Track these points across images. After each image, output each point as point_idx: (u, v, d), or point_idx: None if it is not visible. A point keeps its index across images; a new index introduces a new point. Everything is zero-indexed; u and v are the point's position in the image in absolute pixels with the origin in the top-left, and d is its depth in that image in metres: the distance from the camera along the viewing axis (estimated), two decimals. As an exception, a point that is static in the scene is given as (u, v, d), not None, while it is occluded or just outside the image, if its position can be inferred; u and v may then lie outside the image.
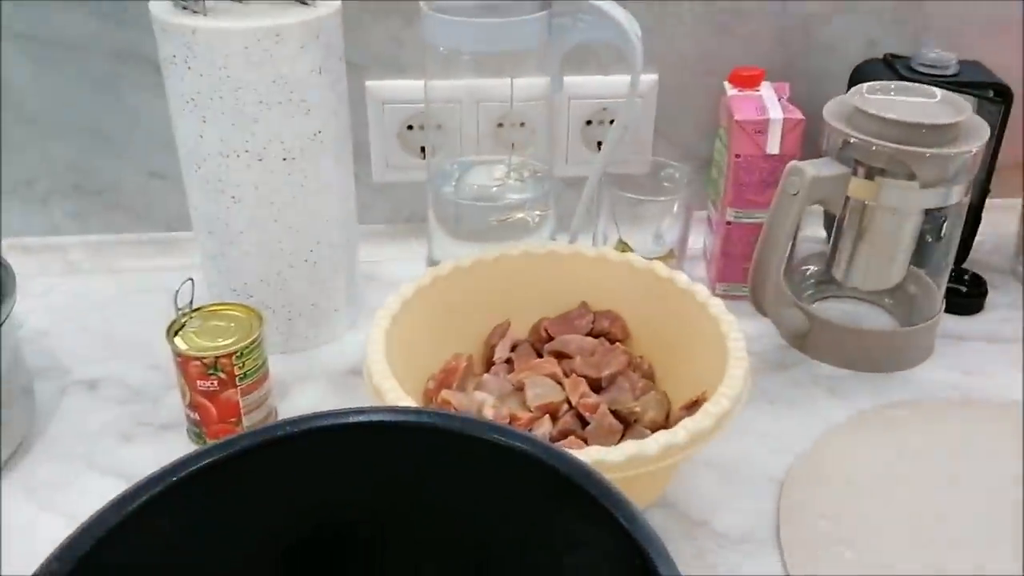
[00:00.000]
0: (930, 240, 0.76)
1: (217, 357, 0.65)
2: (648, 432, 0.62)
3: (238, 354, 0.65)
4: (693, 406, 0.62)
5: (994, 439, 0.67)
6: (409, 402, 0.58)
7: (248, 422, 0.68)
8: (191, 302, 0.68)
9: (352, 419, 0.47)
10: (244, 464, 0.46)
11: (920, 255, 0.76)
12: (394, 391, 0.58)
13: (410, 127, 0.90)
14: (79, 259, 0.91)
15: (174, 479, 0.44)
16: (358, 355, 0.79)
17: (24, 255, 0.89)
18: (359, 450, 0.48)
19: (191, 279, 0.68)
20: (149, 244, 0.92)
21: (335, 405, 0.47)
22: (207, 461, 0.44)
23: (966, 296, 0.83)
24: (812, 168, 0.69)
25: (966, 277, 0.85)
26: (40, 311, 0.83)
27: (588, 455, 0.52)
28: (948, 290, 0.79)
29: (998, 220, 0.92)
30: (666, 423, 0.64)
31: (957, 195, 0.71)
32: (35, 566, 0.61)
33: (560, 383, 0.65)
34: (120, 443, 0.70)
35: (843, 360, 0.75)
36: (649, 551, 0.41)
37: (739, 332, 0.61)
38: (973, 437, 0.68)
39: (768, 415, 0.71)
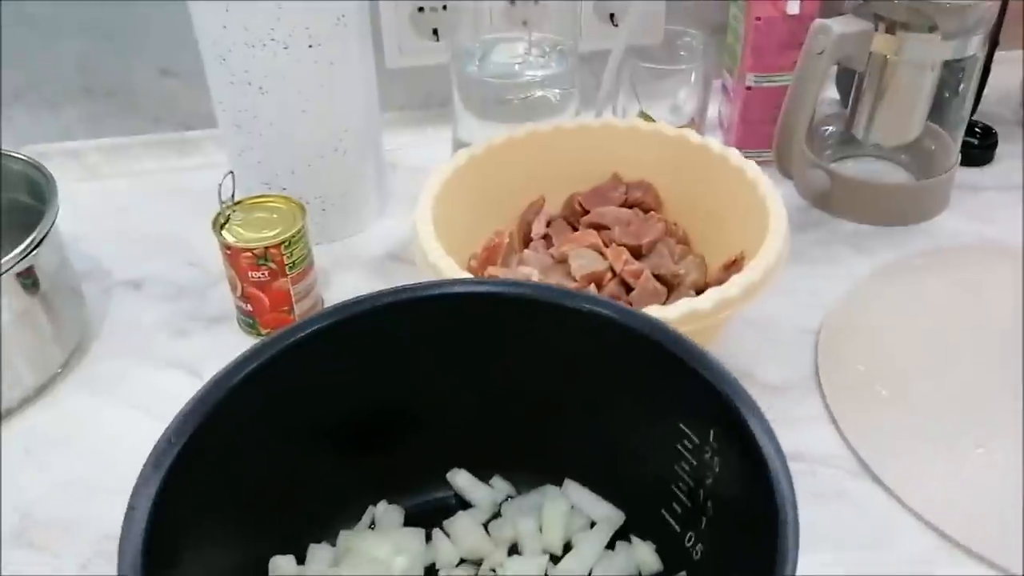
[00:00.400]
0: (947, 95, 0.78)
1: (266, 248, 0.66)
2: (692, 293, 0.65)
3: (286, 244, 0.67)
4: (731, 267, 0.65)
5: (1011, 281, 0.71)
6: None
7: (299, 310, 0.70)
8: (232, 195, 0.69)
9: (464, 288, 0.50)
10: (350, 329, 0.48)
11: (937, 109, 0.78)
12: (452, 268, 0.60)
13: (420, 9, 0.88)
14: (96, 163, 0.90)
15: (289, 342, 0.47)
16: (391, 241, 0.81)
17: (40, 161, 0.89)
18: (457, 321, 0.51)
19: (231, 172, 0.68)
20: (166, 145, 0.91)
21: (379, 288, 0.49)
22: (324, 324, 0.47)
23: (978, 148, 0.86)
24: (838, 26, 0.69)
25: (977, 129, 0.87)
26: (68, 217, 0.82)
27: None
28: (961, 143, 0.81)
29: (1001, 72, 0.93)
30: (706, 285, 0.67)
31: (975, 46, 0.72)
32: (113, 456, 0.64)
33: (602, 253, 0.67)
34: (174, 337, 0.72)
35: (865, 216, 0.78)
36: (730, 395, 0.44)
37: (776, 192, 0.63)
38: (991, 280, 0.71)
39: (797, 273, 0.73)
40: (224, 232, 0.67)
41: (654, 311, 0.55)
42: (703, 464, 0.47)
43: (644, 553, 0.52)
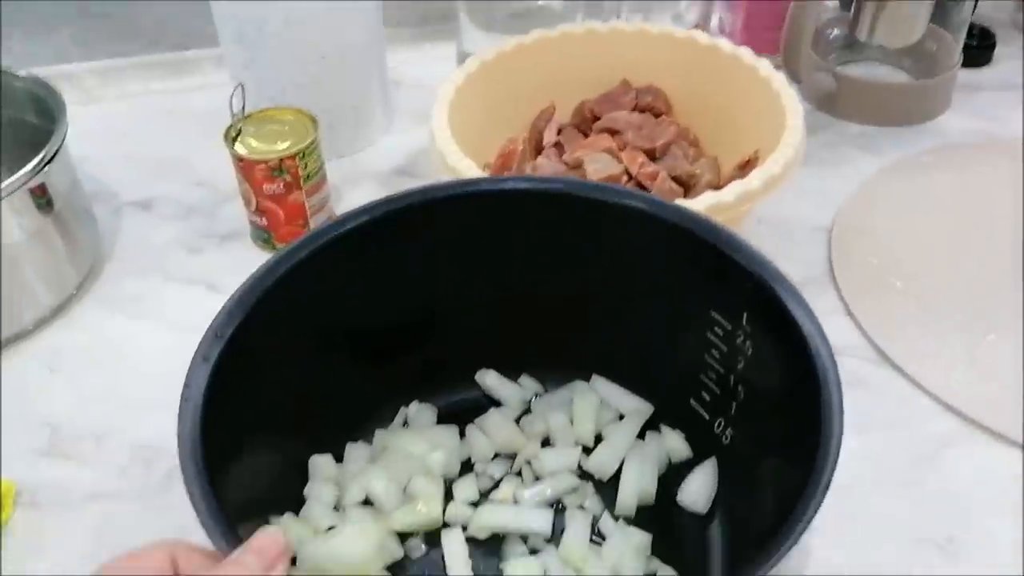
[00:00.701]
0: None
1: (281, 159, 0.66)
2: (708, 191, 0.65)
3: (300, 155, 0.66)
4: (746, 166, 0.65)
5: (1013, 177, 0.72)
6: (487, 180, 0.60)
7: (314, 224, 0.70)
8: (243, 108, 0.68)
9: (509, 185, 0.51)
10: (390, 225, 0.49)
11: (939, 11, 0.78)
12: (472, 170, 0.60)
13: (417, -82, 0.87)
14: (93, 86, 0.88)
15: (328, 238, 0.47)
16: (399, 156, 0.81)
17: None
18: (488, 220, 0.51)
19: (241, 85, 0.68)
20: (163, 66, 0.89)
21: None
22: (364, 219, 0.48)
23: (976, 49, 0.86)
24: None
25: (975, 31, 0.87)
26: (70, 139, 0.82)
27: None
28: (961, 44, 0.82)
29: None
30: (720, 185, 0.67)
31: (982, -58, 0.72)
32: (140, 370, 0.64)
33: (617, 156, 0.68)
34: (189, 255, 0.72)
35: (870, 117, 0.79)
36: (765, 276, 0.45)
37: (790, 87, 0.64)
38: (995, 176, 0.72)
39: (807, 175, 0.73)
40: (237, 145, 0.67)
41: (680, 203, 0.55)
42: (734, 349, 0.48)
43: (674, 441, 0.54)
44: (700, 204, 0.55)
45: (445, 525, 0.51)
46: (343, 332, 0.52)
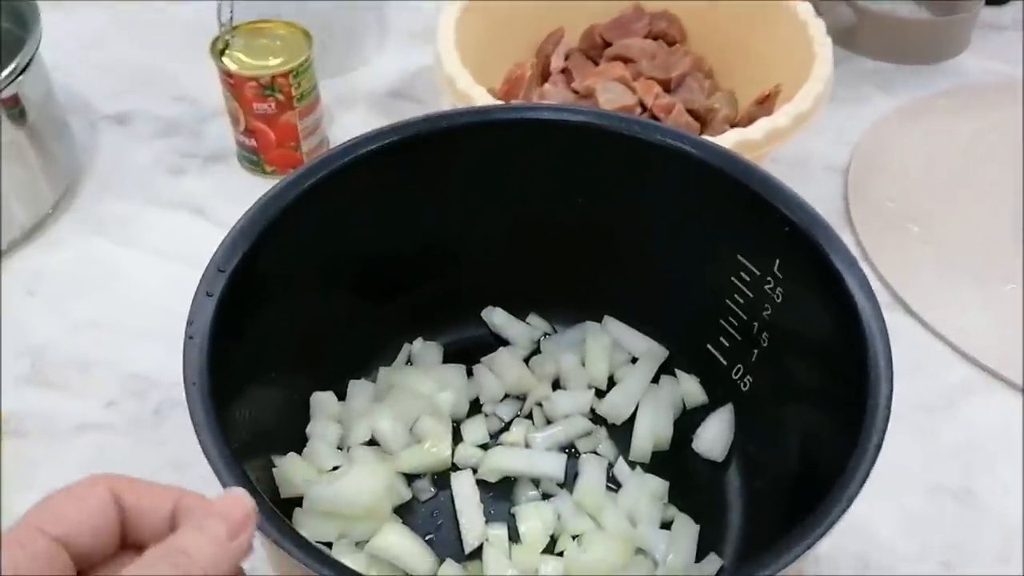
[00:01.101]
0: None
1: (273, 76, 0.62)
2: (727, 127, 0.62)
3: (294, 73, 0.62)
4: (765, 101, 0.63)
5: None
6: (499, 107, 0.56)
7: (306, 147, 0.67)
8: (231, 18, 0.63)
9: (527, 115, 0.48)
10: (395, 155, 0.46)
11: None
12: (484, 96, 0.56)
13: None
14: (63, -10, 0.82)
15: (346, 160, 0.44)
16: (393, 78, 0.77)
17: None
18: (503, 150, 0.48)
19: (231, -7, 0.63)
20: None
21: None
22: (370, 147, 0.44)
23: (996, -13, 0.83)
24: None
25: (996, -33, 0.84)
26: (44, 47, 0.76)
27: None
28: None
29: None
30: (737, 121, 0.64)
31: None
32: (127, 297, 0.61)
33: (630, 86, 0.64)
34: (172, 176, 0.68)
35: (888, 53, 0.76)
36: (806, 222, 0.43)
37: (817, 19, 0.61)
38: (1014, 118, 0.70)
39: (823, 112, 0.72)
40: (225, 59, 0.62)
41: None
42: (762, 296, 0.46)
43: (689, 386, 0.52)
44: (726, 141, 0.53)
45: (454, 467, 0.50)
46: (348, 265, 0.49)
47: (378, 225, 0.49)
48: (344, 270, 0.49)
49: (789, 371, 0.46)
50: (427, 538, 0.47)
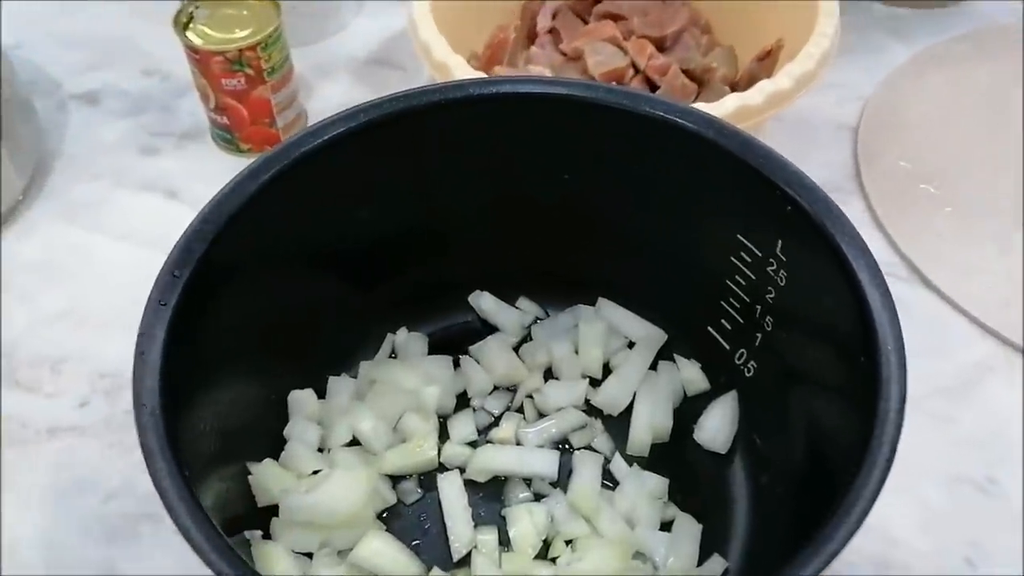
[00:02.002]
0: None
1: (241, 50, 0.58)
2: (726, 89, 0.58)
3: (262, 45, 0.58)
4: (766, 57, 0.58)
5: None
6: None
7: (282, 122, 0.63)
8: (195, -12, 0.59)
9: (506, 89, 0.44)
10: (368, 136, 0.42)
11: None
12: (462, 67, 0.52)
13: None
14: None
15: (313, 145, 0.41)
16: (373, 43, 0.72)
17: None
18: (484, 126, 0.44)
19: (191, -40, 0.59)
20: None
21: (368, 98, 0.42)
22: (340, 130, 0.41)
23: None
24: None
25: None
26: (3, 22, 0.72)
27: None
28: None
29: None
30: (737, 79, 0.60)
31: None
32: (100, 287, 0.58)
33: (621, 47, 0.60)
34: (144, 157, 0.64)
35: (901, -3, 0.71)
36: (810, 202, 0.39)
37: (823, -33, 0.56)
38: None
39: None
40: (189, 33, 0.58)
41: (702, 108, 0.49)
42: (764, 278, 0.43)
43: (690, 372, 0.49)
44: (724, 108, 0.49)
45: (441, 467, 0.47)
46: (322, 255, 0.46)
47: (352, 211, 0.46)
48: (318, 261, 0.46)
49: (795, 357, 0.43)
50: (413, 544, 0.45)
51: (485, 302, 0.52)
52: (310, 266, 0.46)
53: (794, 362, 0.43)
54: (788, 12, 0.57)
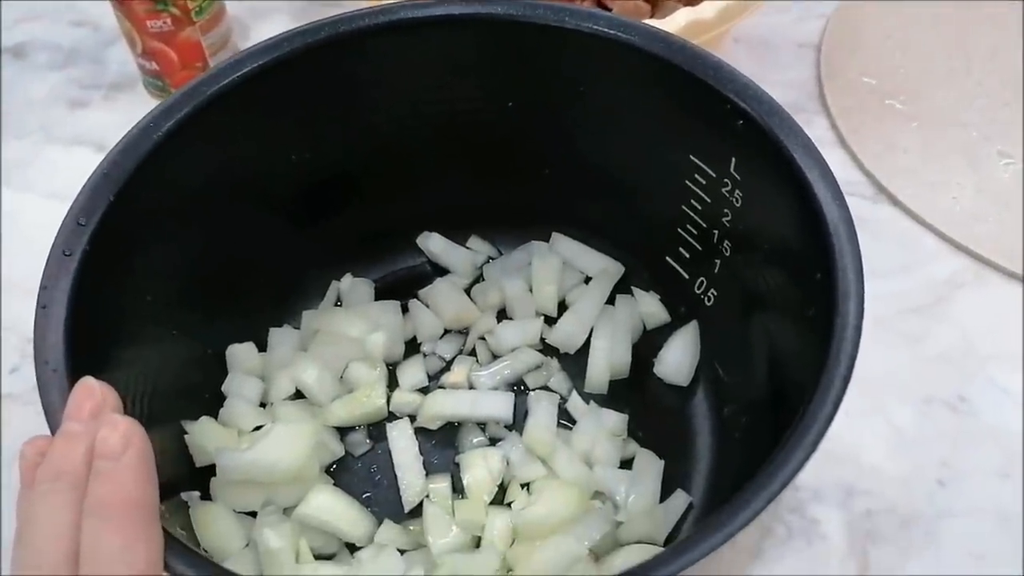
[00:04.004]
0: None
1: (164, -11, 0.54)
2: (679, 6, 0.55)
3: (187, -18, 0.55)
4: (723, -27, 0.55)
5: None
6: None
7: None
8: (112, -75, 0.56)
9: (440, 11, 0.41)
10: (291, 67, 0.40)
11: None
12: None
13: None
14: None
15: (212, 90, 0.38)
16: (313, -22, 0.69)
17: None
18: (420, 51, 0.42)
19: None
20: None
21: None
22: (256, 64, 0.39)
23: None
24: None
25: None
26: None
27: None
28: None
29: None
30: (693, -2, 0.57)
31: None
32: (29, 250, 0.55)
33: (570, -33, 0.57)
34: (73, 110, 0.61)
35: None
36: (760, 112, 0.36)
37: None
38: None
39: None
40: (109, -27, 0.55)
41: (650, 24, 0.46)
42: (719, 200, 0.41)
43: (649, 305, 0.47)
44: (674, 24, 0.46)
45: (391, 416, 0.45)
46: (251, 197, 0.43)
47: (281, 149, 0.43)
48: (247, 205, 0.43)
49: (755, 282, 0.41)
50: (364, 496, 0.43)
51: (434, 243, 0.50)
52: (239, 211, 0.43)
53: (754, 287, 0.41)
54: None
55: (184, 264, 0.41)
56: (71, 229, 0.35)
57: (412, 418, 0.44)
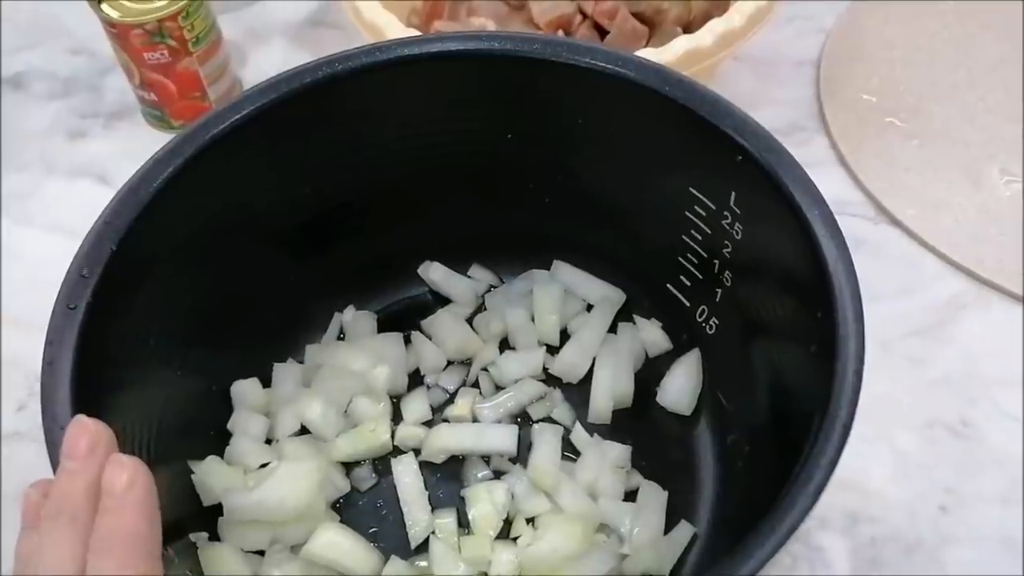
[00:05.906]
0: None
1: (160, 20, 0.54)
2: (678, 31, 0.55)
3: (183, 14, 0.55)
4: (719, -6, 0.55)
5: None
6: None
7: (214, 94, 0.60)
8: (107, -43, 0.56)
9: (436, 48, 0.41)
10: (293, 107, 0.40)
11: None
12: (393, 25, 0.49)
13: None
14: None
15: (215, 132, 0.38)
16: (310, 3, 0.69)
17: None
18: (422, 87, 0.42)
19: (100, -74, 0.55)
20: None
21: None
22: (256, 106, 0.39)
23: None
24: None
25: None
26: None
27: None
28: None
29: None
30: (691, 19, 0.57)
31: None
32: (34, 286, 0.55)
33: (567, -9, 0.57)
34: (72, 140, 0.61)
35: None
36: (759, 149, 0.36)
37: None
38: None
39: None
40: (104, 6, 0.55)
41: (648, 55, 0.46)
42: (720, 232, 0.41)
43: (651, 332, 0.47)
44: (671, 53, 0.46)
45: (395, 450, 0.45)
46: (254, 233, 0.43)
47: (282, 186, 0.43)
48: (248, 243, 0.43)
49: (756, 312, 0.41)
50: (370, 531, 0.43)
51: (435, 272, 0.50)
52: (240, 248, 0.43)
53: (755, 317, 0.41)
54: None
55: (187, 303, 0.41)
56: (75, 281, 0.35)
57: (417, 452, 0.45)
